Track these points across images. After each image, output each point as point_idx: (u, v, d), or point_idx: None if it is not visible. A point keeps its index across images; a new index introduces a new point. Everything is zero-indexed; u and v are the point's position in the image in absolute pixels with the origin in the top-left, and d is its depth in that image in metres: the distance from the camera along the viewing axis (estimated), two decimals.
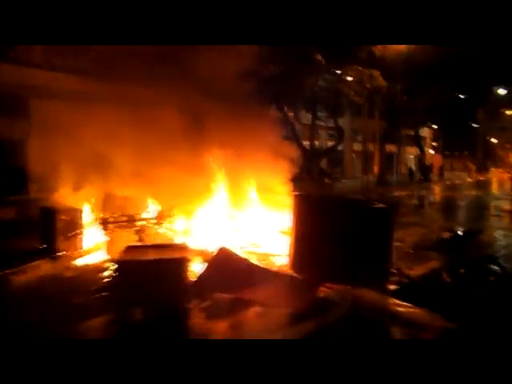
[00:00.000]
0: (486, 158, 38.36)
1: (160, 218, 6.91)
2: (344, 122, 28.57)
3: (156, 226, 6.91)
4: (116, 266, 4.38)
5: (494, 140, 42.94)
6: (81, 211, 6.79)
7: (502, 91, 30.35)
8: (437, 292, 4.19)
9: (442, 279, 4.55)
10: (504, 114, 35.25)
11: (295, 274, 4.84)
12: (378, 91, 20.83)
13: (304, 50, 18.09)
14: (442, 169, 32.69)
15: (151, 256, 4.35)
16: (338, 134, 21.73)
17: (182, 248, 4.75)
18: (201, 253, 5.59)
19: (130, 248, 4.80)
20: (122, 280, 4.04)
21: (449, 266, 4.79)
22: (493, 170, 37.08)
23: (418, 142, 29.73)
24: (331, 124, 22.72)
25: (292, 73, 18.30)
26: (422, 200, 18.08)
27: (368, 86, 19.93)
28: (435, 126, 37.85)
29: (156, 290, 3.98)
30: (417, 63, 20.53)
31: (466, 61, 21.96)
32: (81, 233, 6.80)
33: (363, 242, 4.66)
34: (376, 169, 28.98)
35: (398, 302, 4.11)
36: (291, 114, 22.05)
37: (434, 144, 43.64)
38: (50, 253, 6.08)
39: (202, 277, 4.73)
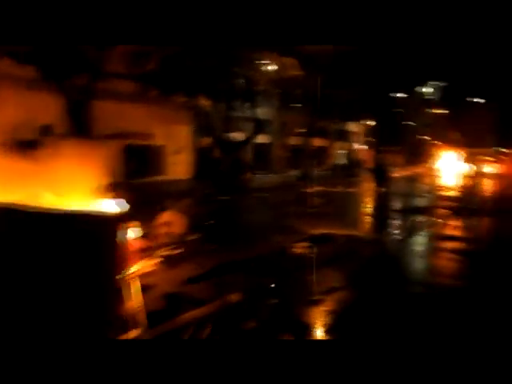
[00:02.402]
0: (416, 154, 39.06)
1: None
2: (271, 114, 27.44)
3: None
4: None
5: (426, 137, 43.94)
6: None
7: (426, 89, 30.66)
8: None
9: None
10: (429, 111, 35.91)
11: None
12: (296, 81, 19.74)
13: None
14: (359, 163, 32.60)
15: None
16: (255, 126, 20.46)
17: None
18: None
19: None
20: None
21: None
22: (422, 164, 37.76)
23: (344, 136, 29.29)
24: (255, 116, 21.31)
25: (199, 58, 16.65)
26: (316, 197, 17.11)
27: (283, 75, 18.78)
28: (370, 122, 37.84)
29: None
30: (338, 54, 19.64)
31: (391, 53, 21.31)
32: None
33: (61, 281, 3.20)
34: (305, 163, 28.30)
35: None
36: (206, 104, 20.48)
37: (369, 139, 43.85)
38: None
39: None
